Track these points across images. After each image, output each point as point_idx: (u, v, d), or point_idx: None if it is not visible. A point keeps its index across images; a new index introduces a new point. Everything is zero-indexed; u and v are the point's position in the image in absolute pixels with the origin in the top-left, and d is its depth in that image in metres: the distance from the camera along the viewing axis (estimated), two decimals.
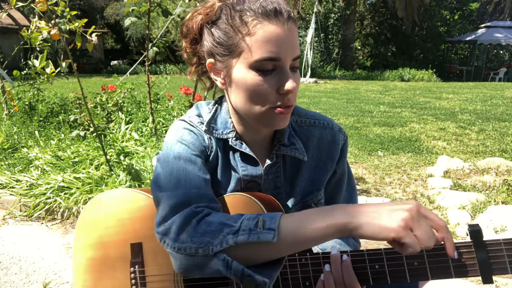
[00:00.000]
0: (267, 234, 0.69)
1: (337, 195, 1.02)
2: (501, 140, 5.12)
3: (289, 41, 0.78)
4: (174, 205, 0.78)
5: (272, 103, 0.81)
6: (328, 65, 17.73)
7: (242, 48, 0.79)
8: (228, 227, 0.72)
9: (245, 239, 0.70)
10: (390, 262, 0.75)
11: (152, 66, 18.15)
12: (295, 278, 0.80)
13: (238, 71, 0.81)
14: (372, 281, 0.76)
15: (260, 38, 0.77)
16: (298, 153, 0.93)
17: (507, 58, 20.97)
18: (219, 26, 0.81)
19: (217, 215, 0.76)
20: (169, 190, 0.81)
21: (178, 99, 5.12)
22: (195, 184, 0.82)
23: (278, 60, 0.78)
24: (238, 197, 0.88)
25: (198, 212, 0.76)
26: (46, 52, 2.90)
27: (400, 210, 0.65)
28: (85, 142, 3.92)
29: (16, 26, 14.14)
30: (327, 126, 0.98)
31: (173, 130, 0.93)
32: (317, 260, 0.80)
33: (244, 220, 0.72)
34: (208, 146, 0.92)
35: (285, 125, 0.85)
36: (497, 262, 0.70)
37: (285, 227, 0.71)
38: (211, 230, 0.72)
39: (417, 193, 3.35)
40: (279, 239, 0.70)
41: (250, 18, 0.77)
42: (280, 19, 0.77)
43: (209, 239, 0.71)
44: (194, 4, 2.83)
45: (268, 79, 0.79)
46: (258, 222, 0.71)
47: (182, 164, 0.85)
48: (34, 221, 2.92)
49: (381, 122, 6.42)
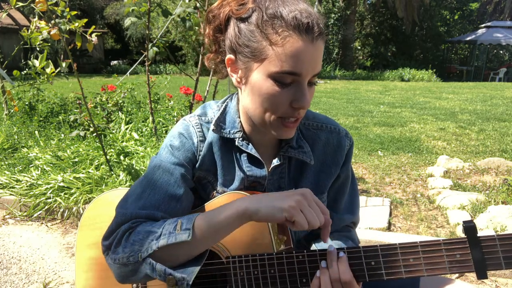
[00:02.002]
0: (183, 234, 0.76)
1: (340, 198, 1.03)
2: (501, 140, 5.12)
3: (314, 59, 0.77)
4: (120, 222, 0.83)
5: (282, 114, 0.81)
6: (328, 65, 17.73)
7: (266, 56, 0.77)
8: (152, 234, 0.78)
9: (165, 242, 0.76)
10: (385, 258, 0.76)
11: (152, 66, 18.16)
12: (292, 275, 0.81)
13: (257, 76, 0.80)
14: (368, 277, 0.77)
15: (287, 52, 0.75)
16: (305, 157, 0.94)
17: (507, 58, 20.97)
18: (248, 25, 0.79)
19: (146, 224, 0.81)
20: (131, 198, 0.86)
21: (178, 99, 5.13)
22: (156, 200, 0.85)
23: (298, 75, 0.77)
24: (238, 195, 0.88)
25: (133, 226, 0.82)
26: (46, 52, 2.90)
27: (293, 195, 0.75)
28: (85, 142, 3.92)
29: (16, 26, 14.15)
30: (333, 130, 0.98)
31: (172, 130, 0.96)
32: (314, 257, 0.81)
33: (165, 225, 0.79)
34: (197, 149, 0.93)
35: (291, 136, 0.86)
36: (491, 257, 0.71)
37: (199, 225, 0.78)
38: (139, 239, 0.79)
39: (417, 193, 3.35)
40: (194, 236, 0.77)
41: (281, 28, 0.75)
42: (310, 36, 0.75)
43: (138, 247, 0.78)
44: (194, 4, 2.83)
45: (285, 91, 0.79)
46: (177, 225, 0.78)
47: (157, 175, 0.88)
48: (34, 221, 2.92)
49: (381, 122, 6.42)
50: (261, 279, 0.82)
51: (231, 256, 0.85)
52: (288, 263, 0.81)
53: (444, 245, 0.74)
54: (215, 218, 0.78)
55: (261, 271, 0.82)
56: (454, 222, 2.72)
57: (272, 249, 0.84)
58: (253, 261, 0.83)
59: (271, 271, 0.82)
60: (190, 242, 0.77)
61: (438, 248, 0.74)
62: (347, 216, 1.03)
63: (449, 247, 0.73)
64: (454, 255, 0.73)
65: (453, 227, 2.68)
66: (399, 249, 0.75)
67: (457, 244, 0.73)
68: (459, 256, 0.73)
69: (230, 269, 0.84)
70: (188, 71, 17.66)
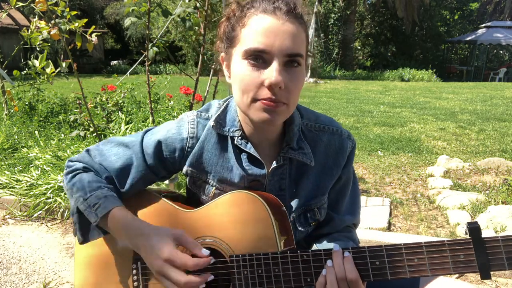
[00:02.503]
0: (93, 216, 0.89)
1: (341, 200, 1.02)
2: (501, 140, 5.12)
3: (282, 35, 0.78)
4: (82, 159, 0.97)
5: (257, 95, 0.81)
6: (328, 65, 17.72)
7: (238, 39, 0.82)
8: (84, 192, 0.91)
9: (82, 210, 0.91)
10: (390, 258, 0.76)
11: (152, 66, 18.16)
12: (297, 274, 0.81)
13: (234, 61, 0.84)
14: (373, 277, 0.78)
15: (253, 29, 0.79)
16: (305, 158, 0.94)
17: (507, 58, 20.97)
18: (230, 21, 0.86)
19: (88, 176, 0.94)
20: (105, 148, 0.98)
21: (178, 99, 5.12)
22: (113, 168, 0.96)
23: (267, 53, 0.78)
24: (242, 195, 0.88)
25: (81, 171, 0.95)
26: (46, 52, 2.91)
27: (158, 259, 0.80)
28: (85, 142, 3.92)
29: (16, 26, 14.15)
30: (336, 132, 0.98)
31: (175, 121, 0.99)
32: (319, 256, 0.81)
33: (92, 196, 0.90)
34: (185, 146, 0.95)
35: (273, 122, 0.83)
36: (495, 258, 0.72)
37: (109, 220, 0.88)
38: (76, 187, 0.93)
39: (417, 193, 3.35)
40: (100, 222, 0.89)
41: (250, 11, 0.81)
42: (277, 13, 0.79)
43: (73, 191, 0.93)
44: (194, 4, 2.83)
45: (256, 69, 0.80)
46: (96, 204, 0.89)
47: (130, 150, 0.97)
48: (34, 221, 2.92)
49: (381, 122, 6.42)
50: (265, 278, 0.83)
51: (234, 255, 0.85)
52: (293, 262, 0.81)
53: (448, 245, 0.74)
54: (118, 232, 0.88)
55: (265, 270, 0.82)
56: (454, 222, 2.72)
57: (276, 248, 0.84)
58: (257, 260, 0.83)
59: (275, 270, 0.82)
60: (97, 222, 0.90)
61: (442, 248, 0.74)
62: (348, 217, 1.03)
63: (454, 247, 0.74)
64: (458, 256, 0.74)
65: (453, 227, 2.68)
66: (404, 249, 0.76)
67: (462, 245, 0.74)
68: (463, 256, 0.73)
69: (234, 268, 0.85)
70: (188, 71, 17.66)
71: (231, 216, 0.88)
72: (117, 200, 0.91)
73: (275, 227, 0.84)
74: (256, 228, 0.85)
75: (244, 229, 0.85)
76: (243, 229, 0.85)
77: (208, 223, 0.90)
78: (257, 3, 0.82)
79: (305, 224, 0.99)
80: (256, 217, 0.85)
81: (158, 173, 0.99)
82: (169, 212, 0.96)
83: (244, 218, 0.86)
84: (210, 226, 0.90)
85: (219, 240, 0.88)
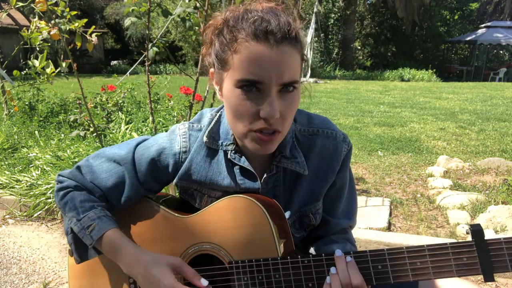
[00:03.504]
0: (88, 239, 0.89)
1: (336, 205, 1.01)
2: (501, 140, 5.12)
3: (277, 65, 0.74)
4: (73, 177, 0.96)
5: (253, 126, 0.79)
6: (328, 65, 17.72)
7: (230, 65, 0.77)
8: (77, 213, 0.91)
9: (76, 231, 0.91)
10: (392, 262, 0.76)
11: (152, 66, 18.15)
12: (298, 280, 0.80)
13: (226, 86, 0.80)
14: (375, 281, 0.77)
15: (244, 58, 0.74)
16: (298, 167, 0.92)
17: (507, 58, 20.97)
18: (220, 38, 0.80)
19: (80, 195, 0.93)
20: (96, 163, 0.96)
21: (178, 99, 5.12)
22: (105, 186, 0.95)
23: (261, 83, 0.75)
24: (240, 199, 0.87)
25: (72, 190, 0.95)
26: (46, 52, 2.90)
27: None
28: (85, 142, 3.92)
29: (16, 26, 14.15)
30: (330, 135, 0.95)
31: (166, 134, 0.97)
32: (320, 262, 0.80)
33: (86, 217, 0.90)
34: (178, 161, 0.94)
35: (270, 151, 0.83)
36: (498, 260, 0.71)
37: (103, 242, 0.88)
38: (69, 207, 0.92)
39: (417, 193, 3.35)
40: (96, 244, 0.89)
41: (240, 36, 0.75)
42: (270, 40, 0.73)
43: (65, 211, 0.93)
44: (194, 4, 2.83)
45: (251, 100, 0.76)
46: (90, 226, 0.89)
47: (121, 167, 0.95)
48: (34, 221, 2.92)
49: (381, 122, 6.41)
50: (266, 284, 0.81)
51: (234, 261, 0.84)
52: (294, 267, 0.80)
53: (451, 248, 0.74)
54: (115, 255, 0.88)
55: (266, 276, 0.81)
56: (454, 222, 2.72)
57: (276, 253, 0.83)
58: (257, 266, 0.82)
59: (276, 276, 0.81)
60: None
61: (445, 251, 0.74)
62: (344, 221, 1.01)
63: (456, 250, 0.73)
64: (461, 259, 0.73)
65: (453, 227, 2.68)
66: (406, 253, 0.75)
67: (464, 248, 0.73)
68: (466, 259, 0.73)
69: (234, 275, 0.83)
70: (188, 71, 17.65)
71: (229, 221, 0.86)
72: (111, 221, 0.91)
73: (273, 231, 0.83)
74: (254, 232, 0.84)
75: (242, 234, 0.84)
76: (241, 234, 0.84)
77: (205, 229, 0.88)
78: (246, 24, 0.75)
79: (301, 230, 0.98)
80: (254, 221, 0.84)
81: (151, 188, 0.98)
82: (166, 219, 0.94)
83: (242, 223, 0.85)
84: (207, 232, 0.88)
85: (217, 246, 0.87)
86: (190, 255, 0.90)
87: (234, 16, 0.78)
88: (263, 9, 0.77)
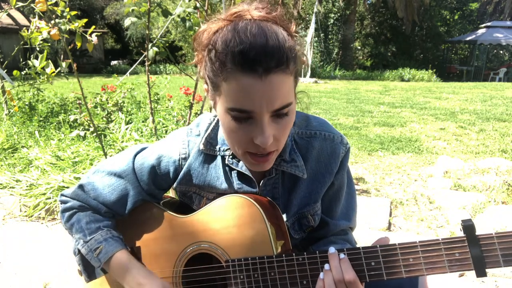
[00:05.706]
0: (96, 261, 0.91)
1: (334, 206, 1.01)
2: (501, 140, 5.12)
3: (267, 95, 0.71)
4: (76, 197, 0.97)
5: (248, 149, 0.80)
6: (328, 65, 17.72)
7: (220, 91, 0.76)
8: (84, 234, 0.93)
9: (84, 253, 0.93)
10: (385, 258, 0.77)
11: (152, 66, 18.15)
12: (293, 277, 0.81)
13: (219, 109, 0.80)
14: (369, 277, 0.78)
15: (233, 88, 0.72)
16: (298, 171, 0.92)
17: (507, 58, 20.96)
18: (210, 58, 0.76)
19: (86, 216, 0.95)
20: (97, 178, 0.97)
21: (178, 99, 5.12)
22: (109, 200, 0.96)
23: (251, 112, 0.74)
24: (237, 199, 0.88)
25: (78, 210, 0.96)
26: (46, 52, 2.90)
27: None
28: (85, 142, 3.92)
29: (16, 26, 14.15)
30: (328, 137, 0.95)
31: (166, 141, 0.98)
32: (314, 259, 0.81)
33: (92, 240, 0.91)
34: (178, 167, 0.95)
35: (266, 168, 0.85)
36: (490, 255, 0.72)
37: (110, 265, 0.91)
38: (75, 229, 0.94)
39: (417, 193, 3.35)
40: (104, 266, 0.92)
41: (229, 64, 0.71)
42: (258, 71, 0.69)
43: (72, 232, 0.96)
44: (194, 4, 2.83)
45: (243, 127, 0.76)
46: (97, 249, 0.90)
47: (123, 180, 0.96)
48: (34, 221, 2.92)
49: (381, 122, 6.41)
50: (262, 282, 0.82)
51: (230, 260, 0.85)
52: (288, 265, 0.81)
53: (443, 244, 0.74)
54: (124, 271, 0.89)
55: (261, 274, 0.82)
56: (454, 222, 2.72)
57: (271, 252, 0.84)
58: (253, 264, 0.83)
59: (272, 273, 0.82)
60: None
61: (437, 247, 0.74)
62: (342, 222, 1.01)
63: (448, 246, 0.74)
64: (453, 254, 0.74)
65: (453, 227, 2.68)
66: (398, 249, 0.76)
67: (456, 243, 0.74)
68: (458, 254, 0.73)
69: (230, 273, 0.84)
70: (188, 71, 17.67)
71: (226, 220, 0.87)
72: (117, 242, 0.92)
73: (269, 231, 0.84)
74: (251, 232, 0.85)
75: (239, 233, 0.85)
76: (238, 233, 0.85)
77: (203, 228, 0.90)
78: (234, 53, 0.70)
79: (300, 231, 0.99)
80: (250, 221, 0.85)
81: (155, 195, 1.00)
82: (165, 219, 0.96)
83: (239, 222, 0.86)
84: (205, 231, 0.89)
85: (214, 245, 0.88)
86: (188, 254, 0.91)
87: (222, 38, 0.73)
88: (252, 27, 0.72)
